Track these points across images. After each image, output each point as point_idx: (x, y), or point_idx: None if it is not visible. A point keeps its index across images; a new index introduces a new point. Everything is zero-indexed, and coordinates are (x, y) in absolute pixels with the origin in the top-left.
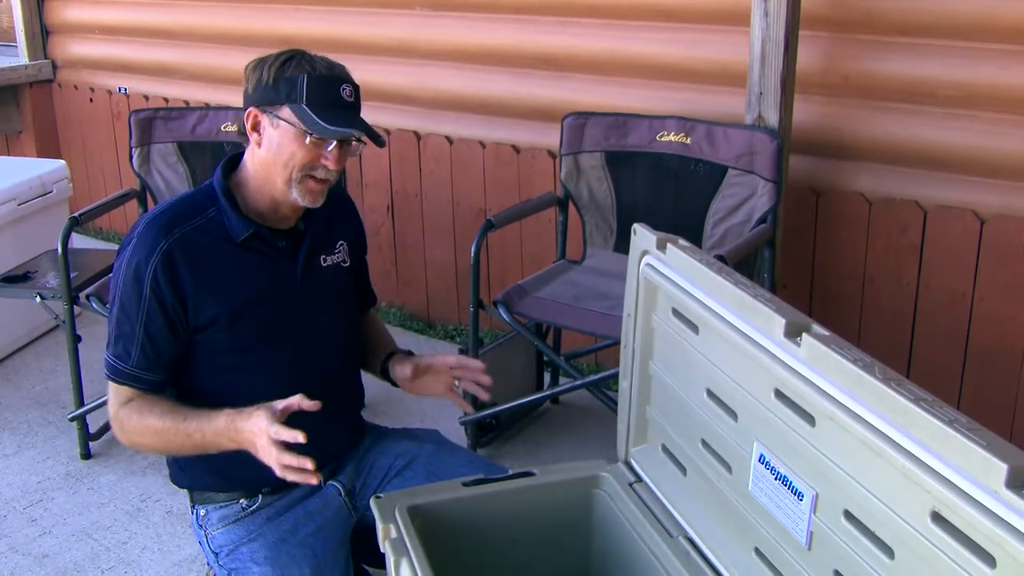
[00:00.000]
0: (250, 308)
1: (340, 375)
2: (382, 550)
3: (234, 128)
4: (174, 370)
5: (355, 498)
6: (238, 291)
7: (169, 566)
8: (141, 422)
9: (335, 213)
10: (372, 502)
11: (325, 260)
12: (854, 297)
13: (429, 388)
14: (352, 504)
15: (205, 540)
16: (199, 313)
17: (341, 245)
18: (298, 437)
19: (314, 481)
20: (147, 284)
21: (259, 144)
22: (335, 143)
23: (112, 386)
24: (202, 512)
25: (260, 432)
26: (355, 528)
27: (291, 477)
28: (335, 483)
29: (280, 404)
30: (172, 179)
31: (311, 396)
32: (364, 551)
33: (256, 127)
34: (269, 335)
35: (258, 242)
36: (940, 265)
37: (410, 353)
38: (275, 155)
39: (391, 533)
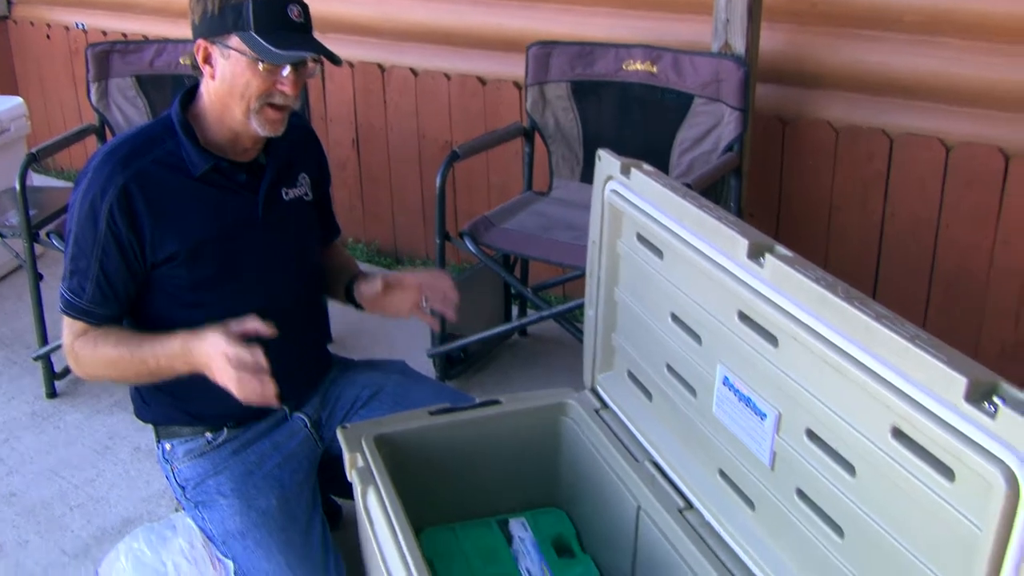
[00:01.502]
0: (210, 244)
1: (303, 309)
2: (349, 479)
3: (189, 62)
4: (129, 305)
5: (321, 429)
6: (197, 227)
7: (138, 501)
8: (96, 352)
9: (296, 145)
10: (338, 432)
11: (287, 194)
12: (821, 225)
13: (395, 306)
14: (318, 435)
15: (171, 474)
16: (157, 249)
17: (303, 178)
18: (259, 357)
19: (275, 403)
20: (103, 219)
21: (213, 76)
22: (289, 67)
23: (66, 320)
24: (167, 446)
25: (217, 353)
26: (322, 459)
27: (251, 399)
28: (301, 415)
29: (236, 325)
30: (131, 113)
31: (276, 334)
32: (331, 482)
33: (207, 59)
34: (230, 271)
35: (218, 176)
36: (906, 193)
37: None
38: (230, 86)
39: (358, 462)
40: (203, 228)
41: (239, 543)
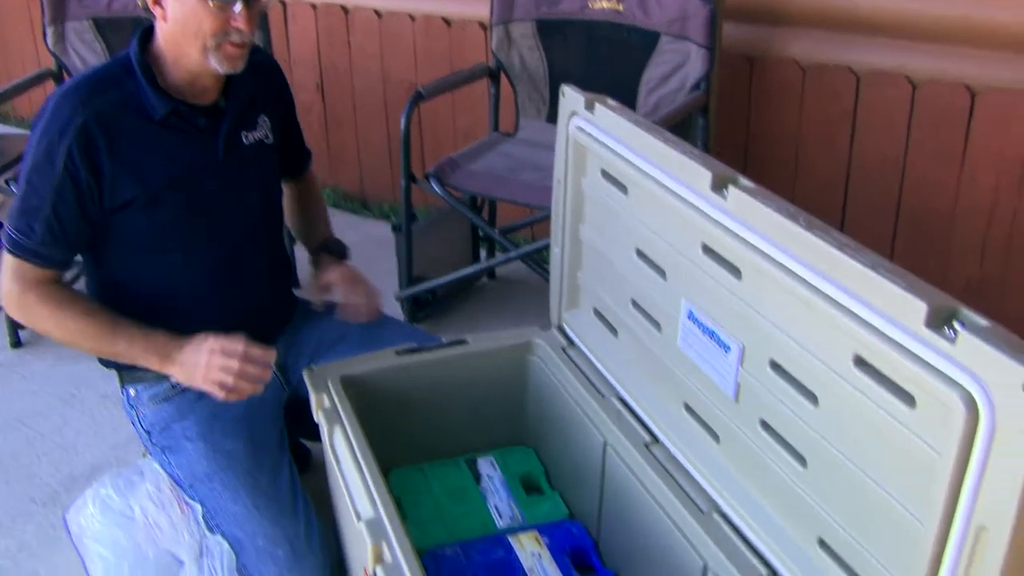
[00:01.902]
0: (170, 189)
1: (266, 254)
2: (316, 420)
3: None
4: (78, 250)
5: (287, 372)
6: (157, 171)
7: (107, 449)
8: (57, 313)
9: (257, 84)
10: (305, 373)
11: (247, 137)
12: (788, 164)
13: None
14: (285, 378)
15: (137, 420)
16: (116, 193)
17: (263, 121)
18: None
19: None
20: (60, 160)
21: (164, 18)
22: (240, 3)
23: (9, 259)
24: (132, 392)
25: (207, 352)
26: (290, 403)
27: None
28: None
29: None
30: (89, 58)
31: (236, 275)
32: (299, 425)
33: (157, 1)
34: (191, 217)
35: (177, 119)
36: (873, 131)
37: (340, 251)
38: (182, 27)
39: (324, 403)
40: (163, 173)
41: (206, 486)
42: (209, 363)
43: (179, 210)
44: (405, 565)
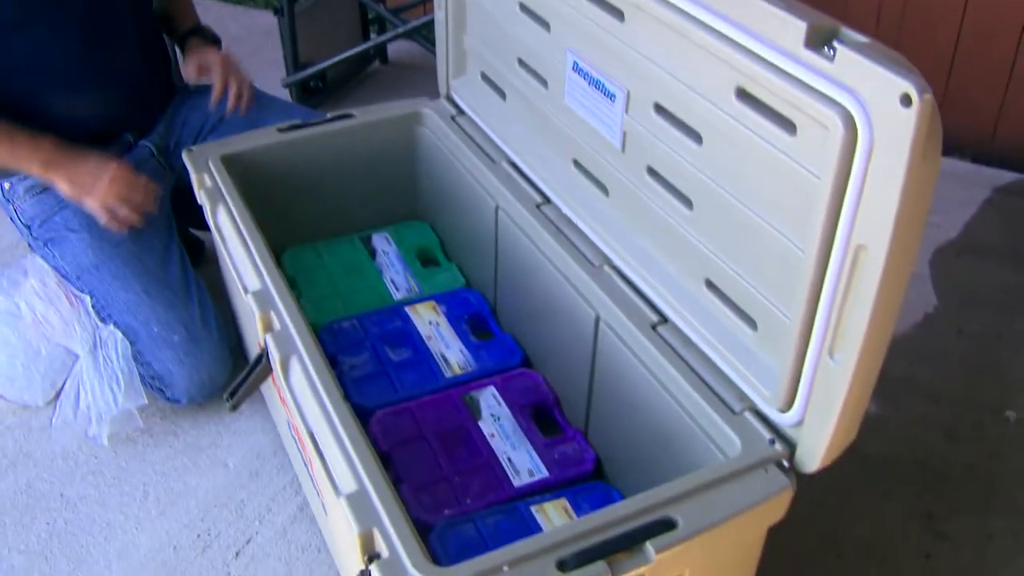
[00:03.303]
0: None
1: (137, 30)
2: (199, 202)
3: None
4: None
5: (170, 157)
6: None
7: None
8: None
9: None
10: (184, 155)
11: None
12: None
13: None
14: (168, 164)
15: (15, 214)
16: None
17: None
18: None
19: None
20: None
21: None
22: None
23: None
24: (6, 185)
25: (105, 172)
26: (176, 192)
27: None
28: (146, 143)
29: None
30: None
31: (106, 52)
32: (189, 215)
33: None
34: None
35: None
36: None
37: (213, 37)
38: None
39: (206, 182)
40: None
41: (94, 276)
42: (109, 189)
43: None
44: (294, 330)
